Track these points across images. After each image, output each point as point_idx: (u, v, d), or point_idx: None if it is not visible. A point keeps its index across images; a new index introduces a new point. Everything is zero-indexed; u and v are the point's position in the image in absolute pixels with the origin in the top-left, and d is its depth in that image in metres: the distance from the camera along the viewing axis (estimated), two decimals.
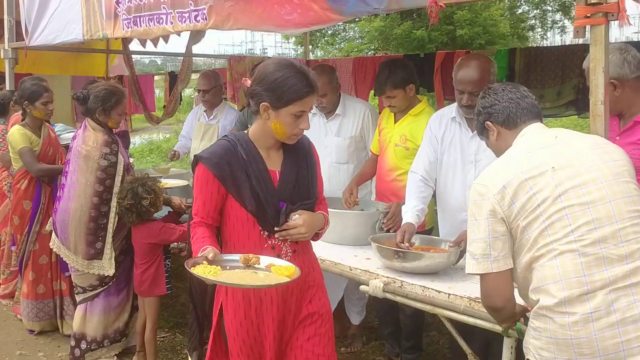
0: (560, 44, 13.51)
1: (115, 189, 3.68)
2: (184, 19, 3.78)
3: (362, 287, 2.82)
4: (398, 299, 2.71)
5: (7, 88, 5.45)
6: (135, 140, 15.40)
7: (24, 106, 4.23)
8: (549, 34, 17.58)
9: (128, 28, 4.14)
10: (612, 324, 1.75)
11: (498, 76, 6.27)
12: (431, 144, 3.25)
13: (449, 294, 2.55)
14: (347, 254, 3.13)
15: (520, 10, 16.31)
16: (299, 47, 17.76)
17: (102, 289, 3.77)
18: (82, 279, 3.79)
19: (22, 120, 4.30)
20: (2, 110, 5.02)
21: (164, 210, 3.83)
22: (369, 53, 14.22)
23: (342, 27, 15.30)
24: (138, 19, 4.02)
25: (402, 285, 2.70)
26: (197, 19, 3.69)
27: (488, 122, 2.13)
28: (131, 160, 5.60)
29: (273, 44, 31.42)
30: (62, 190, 3.83)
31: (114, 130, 3.92)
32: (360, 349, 4.11)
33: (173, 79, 8.46)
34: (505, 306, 1.96)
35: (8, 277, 4.99)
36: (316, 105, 3.91)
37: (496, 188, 1.89)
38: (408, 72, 3.52)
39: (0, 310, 4.92)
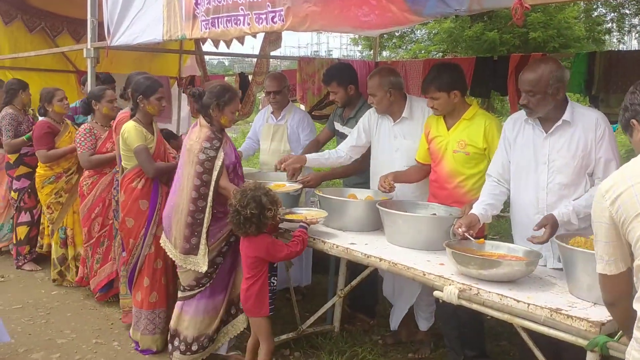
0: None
1: (213, 185, 3.57)
2: (260, 20, 3.82)
3: (437, 293, 2.77)
4: (474, 306, 2.65)
5: (89, 86, 5.67)
6: None
7: (138, 101, 4.07)
8: (626, 38, 16.87)
9: (206, 29, 4.22)
10: None
11: (575, 81, 6.15)
12: (504, 147, 3.24)
13: (529, 304, 2.46)
14: (420, 259, 3.08)
15: (596, 13, 15.70)
16: (365, 50, 17.72)
17: (198, 290, 3.70)
18: (183, 277, 3.76)
19: (132, 116, 4.13)
20: (88, 108, 5.02)
21: None
22: (437, 55, 14.02)
23: (410, 29, 15.14)
24: (216, 20, 4.10)
25: (478, 292, 2.64)
26: (274, 20, 3.72)
27: (633, 120, 2.00)
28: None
29: (339, 46, 31.52)
30: (173, 185, 3.83)
31: (225, 129, 3.78)
32: (428, 356, 4.04)
33: (243, 80, 8.60)
34: (615, 303, 1.94)
35: (92, 274, 4.97)
36: (370, 103, 3.93)
37: (608, 191, 1.88)
38: (455, 77, 3.50)
39: (77, 299, 5.13)
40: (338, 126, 4.62)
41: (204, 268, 3.62)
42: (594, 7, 15.18)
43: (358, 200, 3.80)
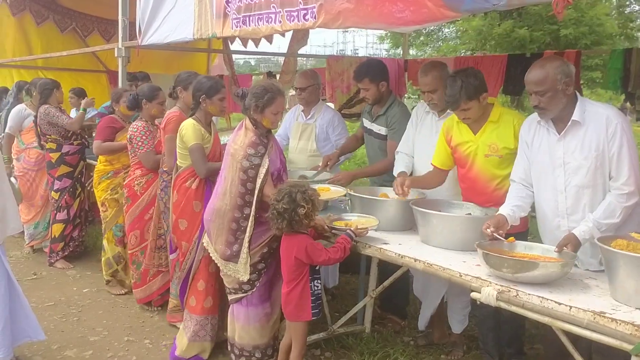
0: None
1: (257, 193, 3.45)
2: (292, 18, 3.79)
3: (474, 295, 2.71)
4: (513, 308, 2.58)
5: (120, 86, 5.73)
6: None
7: (201, 100, 3.97)
8: None
9: (237, 27, 4.21)
10: None
11: (611, 77, 6.02)
12: (523, 150, 3.16)
13: (571, 307, 2.39)
14: (456, 259, 3.01)
15: (629, 10, 15.39)
16: (391, 48, 17.62)
17: (242, 294, 3.58)
18: (226, 279, 3.66)
19: (192, 115, 4.02)
20: (135, 104, 4.83)
21: None
22: (466, 53, 13.88)
23: (437, 27, 15.03)
24: (247, 18, 4.08)
25: (517, 294, 2.56)
26: (306, 17, 3.68)
27: None
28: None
29: (364, 45, 31.47)
30: (215, 187, 3.71)
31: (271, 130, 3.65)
32: (461, 358, 3.98)
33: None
34: None
35: (137, 282, 4.83)
36: (427, 102, 3.82)
37: None
38: (480, 81, 3.37)
39: (108, 297, 5.17)
40: (367, 123, 4.54)
41: (245, 277, 3.53)
42: (627, 3, 14.90)
43: (390, 199, 3.74)
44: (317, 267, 3.43)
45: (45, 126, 5.80)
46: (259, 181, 3.45)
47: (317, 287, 3.41)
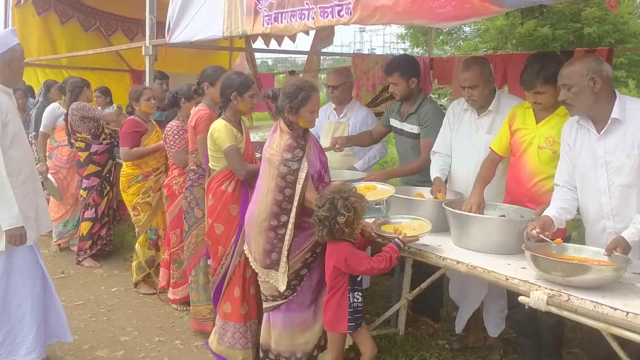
0: None
1: (297, 199, 3.26)
2: (326, 14, 3.73)
3: (522, 299, 2.63)
4: (565, 314, 2.50)
5: (147, 84, 5.70)
6: (255, 138, 15.77)
7: (232, 98, 3.76)
8: None
9: (268, 24, 4.15)
10: None
11: None
12: (566, 152, 3.07)
13: (627, 312, 2.30)
14: (500, 262, 2.93)
15: None
16: (409, 47, 17.45)
17: (282, 301, 3.40)
18: (264, 286, 3.49)
19: (221, 114, 3.83)
20: (174, 102, 4.73)
21: None
22: (487, 52, 13.73)
23: (458, 26, 14.87)
24: (279, 15, 4.02)
25: (569, 299, 2.48)
26: (341, 13, 3.62)
27: None
28: None
29: (382, 44, 31.27)
30: (254, 193, 3.54)
31: (308, 130, 3.48)
32: None
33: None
34: None
35: (178, 282, 4.74)
36: (466, 99, 3.73)
37: None
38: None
39: (136, 296, 5.15)
40: (396, 123, 4.42)
41: (282, 287, 3.35)
42: None
43: (427, 199, 3.66)
44: (359, 278, 3.27)
45: (77, 122, 5.76)
46: (298, 187, 3.27)
47: (357, 298, 3.23)
